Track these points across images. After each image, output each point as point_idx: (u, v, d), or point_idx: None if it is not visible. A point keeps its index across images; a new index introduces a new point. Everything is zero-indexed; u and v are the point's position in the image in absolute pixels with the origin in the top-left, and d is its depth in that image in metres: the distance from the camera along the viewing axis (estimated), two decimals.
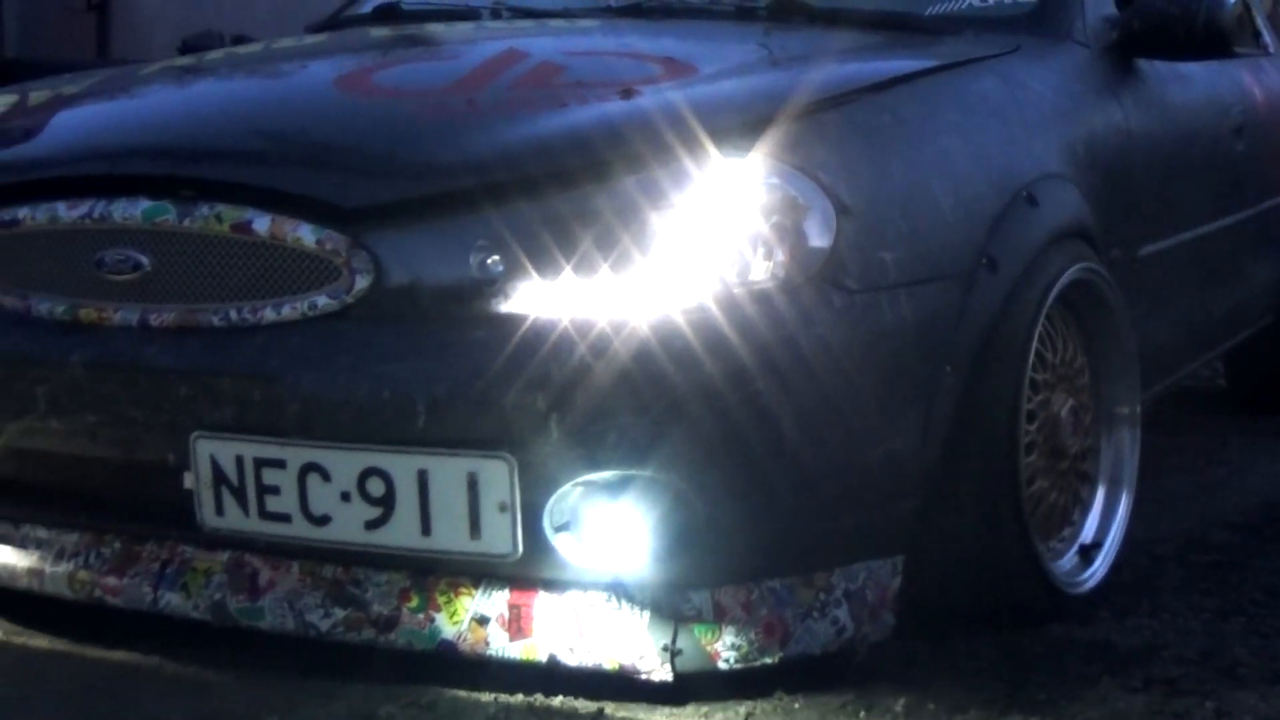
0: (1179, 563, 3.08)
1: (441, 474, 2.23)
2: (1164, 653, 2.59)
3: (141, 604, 2.53)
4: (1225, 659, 2.57)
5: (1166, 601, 2.85)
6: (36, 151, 2.65)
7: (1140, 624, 2.73)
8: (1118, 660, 2.55)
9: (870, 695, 2.36)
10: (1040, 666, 2.50)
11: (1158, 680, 2.47)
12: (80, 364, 2.41)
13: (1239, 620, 2.77)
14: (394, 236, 2.31)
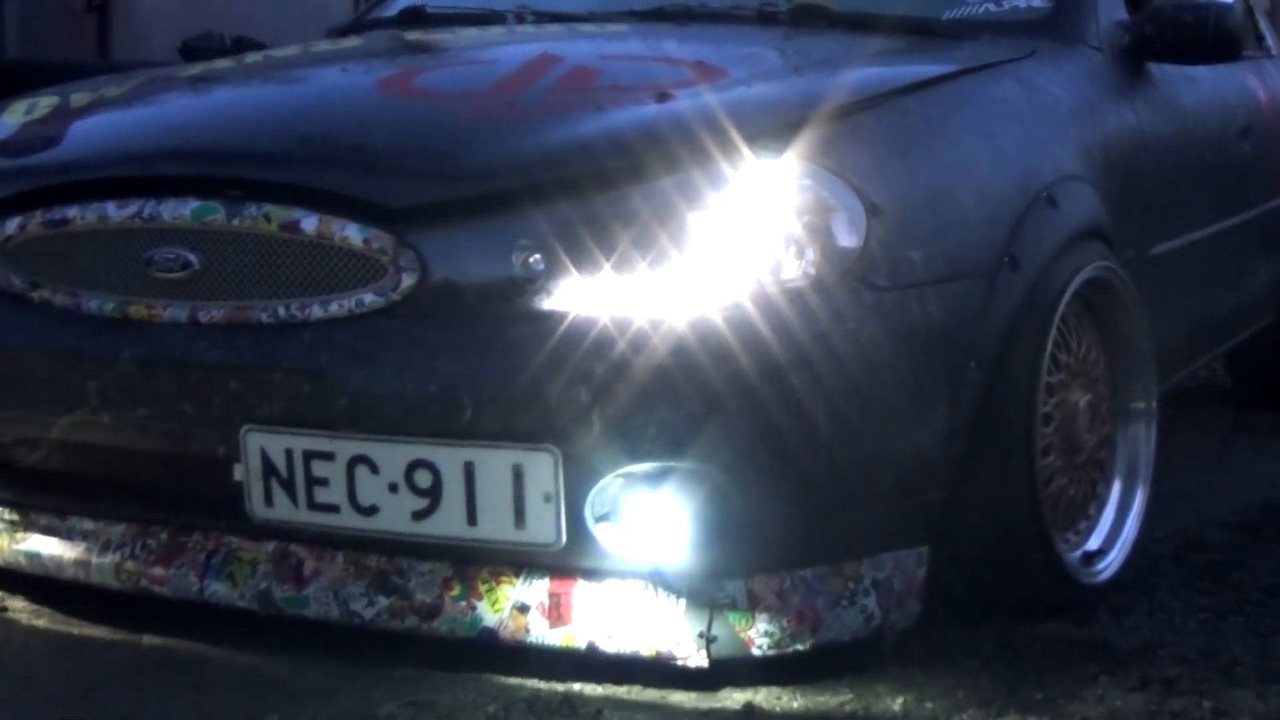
0: (1177, 562, 3.10)
1: (488, 466, 2.31)
2: (1162, 652, 2.61)
3: (188, 594, 2.61)
4: (1223, 658, 2.58)
5: (1164, 601, 2.87)
6: (86, 153, 2.73)
7: (1138, 623, 2.75)
8: (1115, 659, 2.56)
9: (869, 694, 2.40)
10: (1038, 665, 2.53)
11: (1155, 679, 2.49)
12: (131, 360, 2.49)
13: (1237, 620, 2.78)
14: (438, 236, 2.39)
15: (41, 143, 2.79)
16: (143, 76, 3.12)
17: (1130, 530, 2.97)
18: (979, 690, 2.42)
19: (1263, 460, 4.08)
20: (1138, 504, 2.99)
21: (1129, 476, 3.00)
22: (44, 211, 2.62)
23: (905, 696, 2.38)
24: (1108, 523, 2.95)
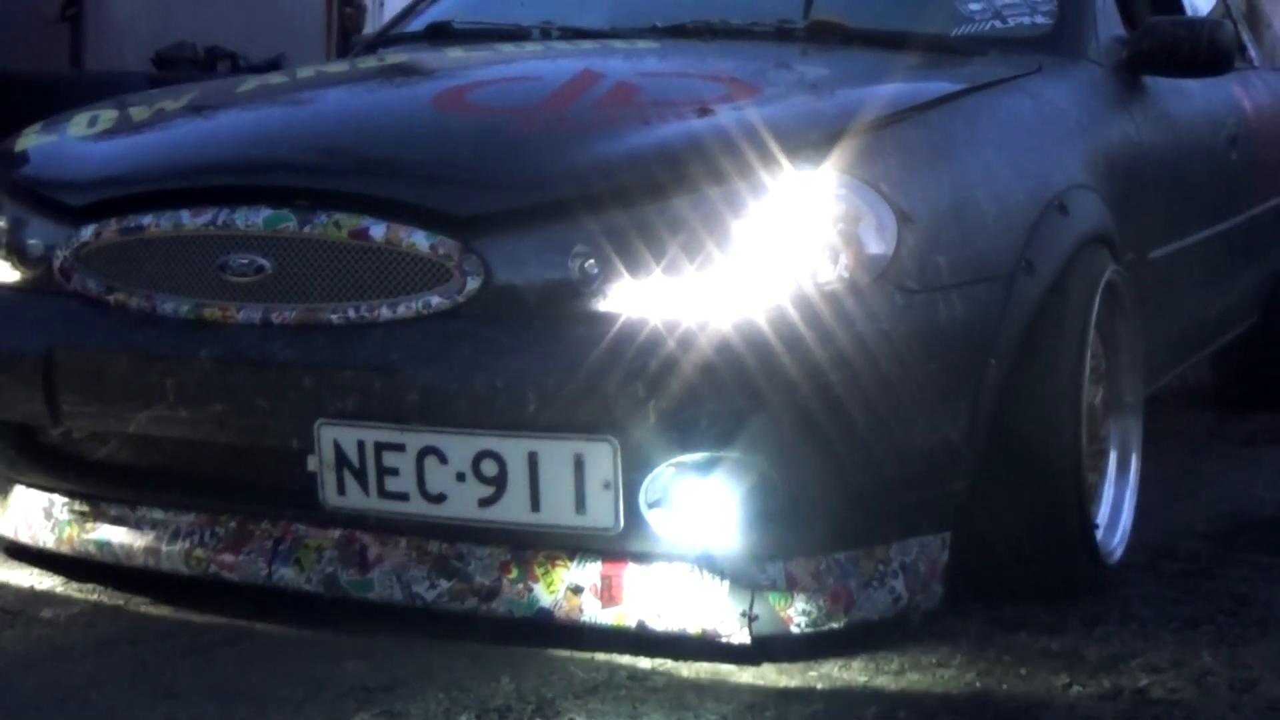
0: (1148, 571, 3.15)
1: (550, 455, 2.53)
2: (1134, 661, 2.65)
3: (256, 578, 2.82)
4: (1195, 667, 2.63)
5: (1136, 610, 2.91)
6: (160, 164, 2.93)
7: (1110, 632, 2.80)
8: (1087, 669, 2.61)
9: (839, 704, 2.47)
10: (1010, 675, 2.59)
11: (1127, 689, 2.54)
12: (209, 358, 2.70)
13: (1209, 629, 2.83)
14: (501, 242, 2.61)
15: (113, 154, 3.00)
16: (198, 90, 3.33)
17: (1127, 517, 3.22)
18: (951, 700, 2.49)
19: (1234, 470, 4.14)
20: (1130, 493, 3.25)
21: (1122, 466, 3.25)
22: (119, 220, 2.83)
23: (877, 706, 2.45)
24: (1106, 509, 3.19)
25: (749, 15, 3.55)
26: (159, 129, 3.07)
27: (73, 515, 3.02)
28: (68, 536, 3.02)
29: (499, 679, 2.53)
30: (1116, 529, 3.15)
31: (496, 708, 2.42)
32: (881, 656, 2.65)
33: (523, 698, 2.45)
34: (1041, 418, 2.81)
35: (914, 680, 2.56)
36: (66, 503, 3.03)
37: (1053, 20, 3.53)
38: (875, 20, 3.51)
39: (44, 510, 3.06)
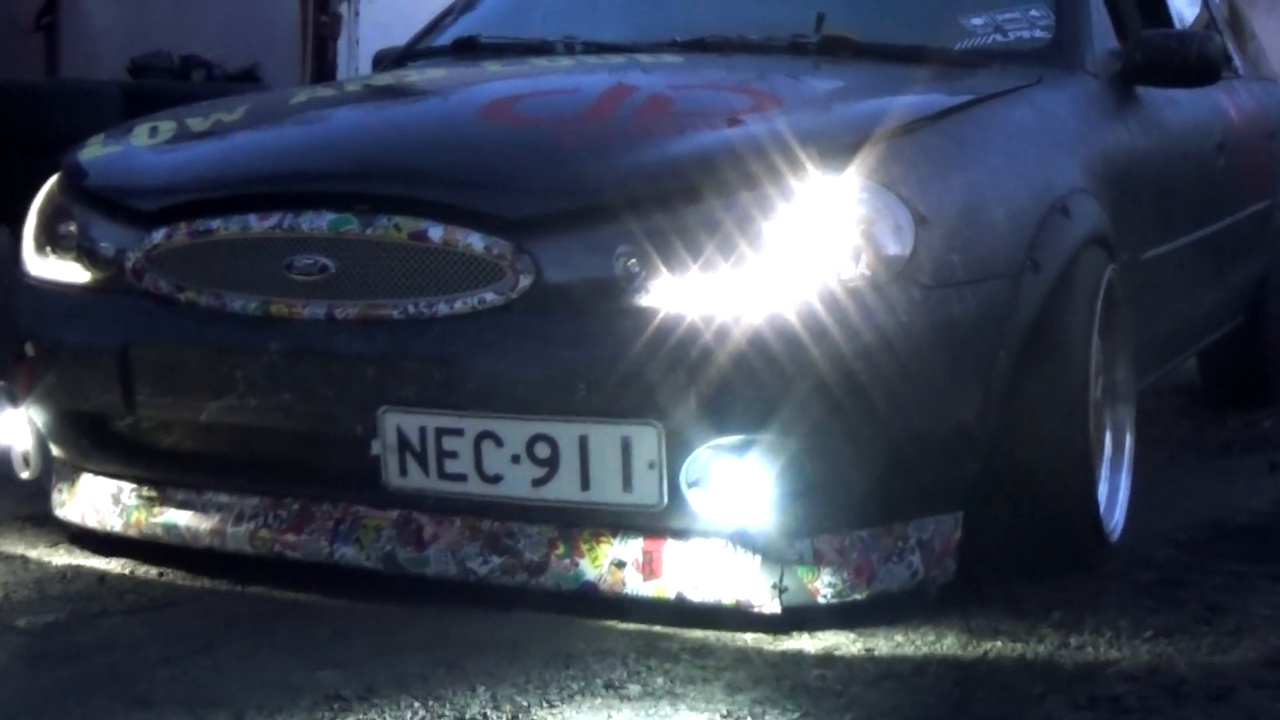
0: (1123, 580, 3.20)
1: (600, 438, 2.80)
2: (1109, 670, 2.69)
3: (318, 556, 3.08)
4: (1170, 676, 2.66)
5: (1111, 619, 2.95)
6: (227, 172, 3.20)
7: (1084, 641, 2.84)
8: (1063, 678, 2.66)
9: (814, 712, 2.54)
10: (985, 684, 2.64)
11: (1103, 698, 2.57)
12: (278, 351, 2.97)
13: (1184, 638, 2.86)
14: (550, 243, 2.88)
15: (180, 163, 3.27)
16: (250, 102, 3.60)
17: (1123, 498, 3.51)
18: (926, 709, 2.54)
19: (1210, 478, 4.21)
20: (1125, 476, 3.54)
21: (1117, 452, 3.54)
22: (188, 224, 3.09)
23: (853, 713, 2.52)
24: (1105, 491, 3.47)
25: (764, 30, 3.83)
26: (222, 139, 3.34)
27: (140, 500, 3.28)
28: (135, 520, 3.28)
29: (475, 688, 2.60)
30: (1115, 509, 3.43)
31: (472, 717, 2.50)
32: (858, 665, 2.73)
33: (498, 706, 2.53)
34: (1053, 406, 3.09)
35: (890, 689, 2.62)
36: (134, 489, 3.29)
37: (1051, 34, 3.81)
38: (883, 35, 3.78)
39: (112, 496, 3.32)
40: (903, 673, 2.68)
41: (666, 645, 2.79)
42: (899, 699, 2.57)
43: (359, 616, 2.93)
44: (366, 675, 2.64)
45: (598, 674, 2.67)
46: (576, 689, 2.60)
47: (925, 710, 2.52)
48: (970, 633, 2.88)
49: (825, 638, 2.85)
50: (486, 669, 2.67)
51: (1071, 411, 3.12)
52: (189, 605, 3.03)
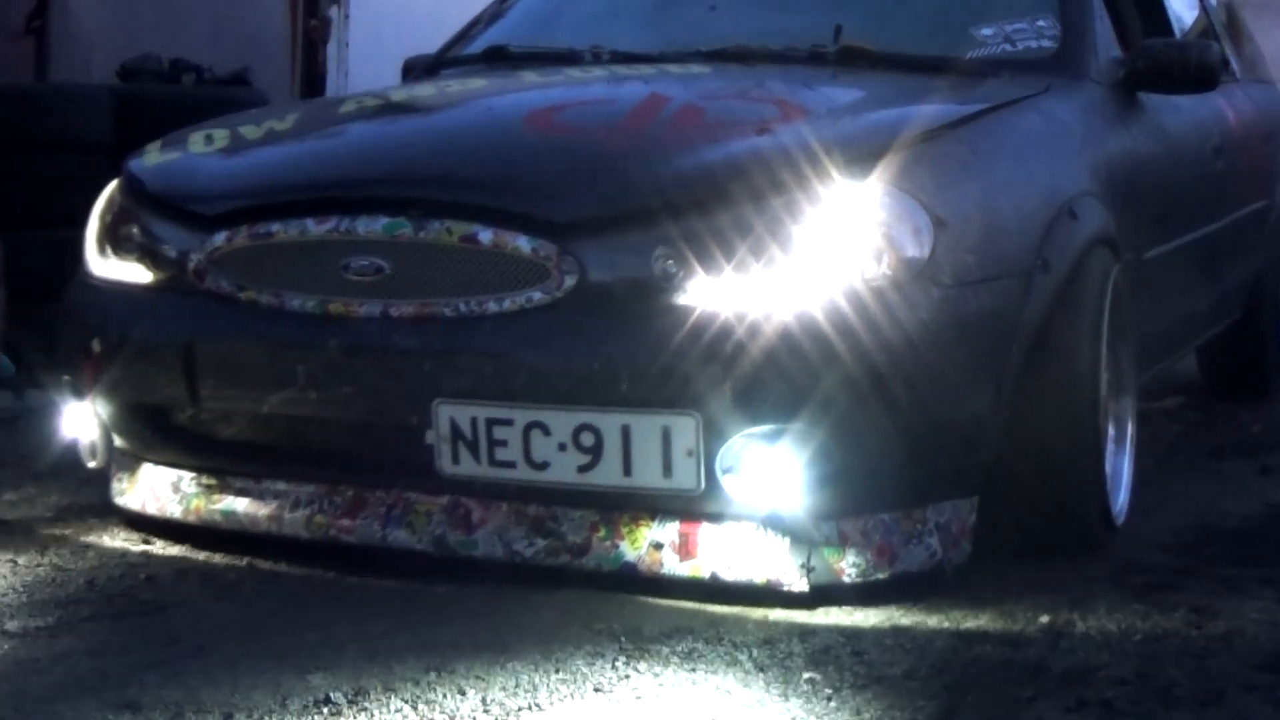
0: (1113, 584, 3.25)
1: (641, 427, 3.04)
2: (1098, 674, 2.72)
3: (371, 540, 3.32)
4: (1160, 680, 2.70)
5: (1100, 623, 2.99)
6: (286, 178, 3.44)
7: (1074, 645, 2.88)
8: (1052, 682, 2.69)
9: (804, 715, 2.58)
10: (975, 686, 2.68)
11: (1092, 702, 2.59)
12: (336, 347, 3.20)
13: (1173, 642, 2.90)
14: (593, 245, 3.12)
15: (240, 169, 3.51)
16: (299, 111, 3.84)
17: (1126, 483, 3.75)
18: (916, 712, 2.57)
19: (1199, 482, 4.26)
20: (1128, 462, 3.79)
21: (1120, 440, 3.78)
22: (249, 227, 3.33)
23: (843, 716, 2.56)
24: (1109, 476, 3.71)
25: (784, 41, 4.07)
26: (277, 147, 3.58)
27: (200, 488, 3.51)
28: (195, 507, 3.51)
29: (464, 691, 2.65)
30: (1119, 494, 3.67)
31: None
32: (849, 668, 2.77)
33: (487, 709, 2.57)
34: (1065, 398, 3.34)
35: (880, 692, 2.66)
36: (194, 477, 3.52)
37: (1057, 44, 4.05)
38: (898, 45, 4.02)
39: (172, 485, 3.55)
40: (893, 676, 2.73)
41: (656, 649, 2.87)
42: (889, 702, 2.61)
43: (349, 620, 2.99)
44: (356, 679, 2.69)
45: (587, 677, 2.72)
46: (566, 692, 2.65)
47: (915, 713, 2.56)
48: (960, 636, 2.93)
49: (816, 642, 2.91)
50: (476, 672, 2.73)
51: (1082, 401, 3.36)
52: (179, 609, 3.09)
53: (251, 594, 3.19)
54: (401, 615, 3.03)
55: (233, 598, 3.16)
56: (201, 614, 3.06)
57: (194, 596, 3.17)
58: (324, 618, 3.00)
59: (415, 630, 2.93)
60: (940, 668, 2.76)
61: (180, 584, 3.26)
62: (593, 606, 3.06)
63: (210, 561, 3.39)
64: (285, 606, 3.09)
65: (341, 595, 3.17)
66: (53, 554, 3.46)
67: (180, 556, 3.43)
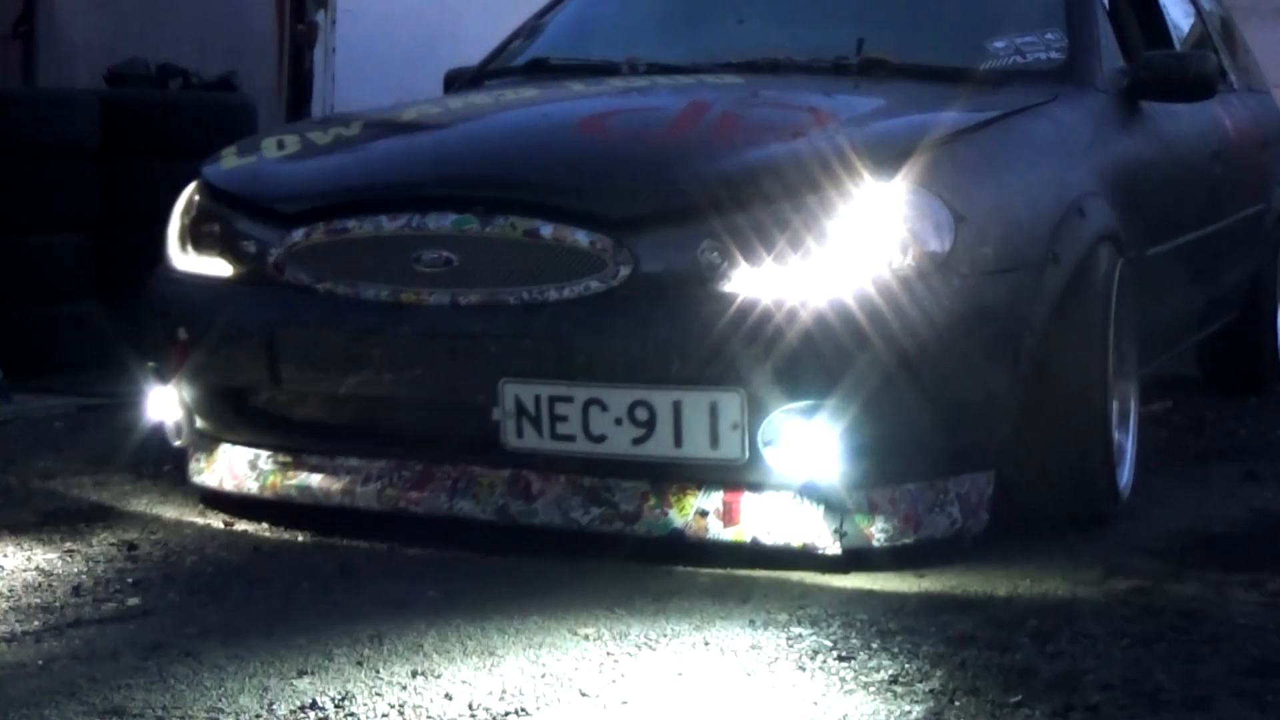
0: (1099, 589, 3.32)
1: (691, 403, 3.42)
2: (1086, 679, 2.75)
3: (439, 511, 3.69)
4: (1147, 684, 2.73)
5: (1087, 627, 3.03)
6: (360, 179, 3.82)
7: (1061, 650, 2.91)
8: (1040, 686, 2.72)
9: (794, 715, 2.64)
10: (962, 692, 2.72)
11: (1079, 706, 2.63)
12: (409, 333, 3.58)
13: (1160, 646, 2.93)
14: (646, 238, 3.50)
15: (314, 172, 3.90)
16: (365, 118, 4.23)
17: (1129, 460, 4.13)
18: (904, 718, 2.62)
19: (1185, 487, 4.34)
20: (1130, 442, 4.16)
21: (1123, 421, 4.16)
22: (325, 224, 3.71)
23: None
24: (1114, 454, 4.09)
25: (809, 53, 4.46)
26: (348, 151, 3.97)
27: (276, 465, 3.88)
28: (271, 484, 3.88)
29: (450, 695, 2.70)
30: (1123, 471, 4.06)
31: None
32: (835, 671, 2.83)
33: (473, 714, 2.63)
34: (1076, 381, 3.73)
35: (867, 698, 2.70)
36: (271, 455, 3.89)
37: (1064, 55, 4.44)
38: (916, 56, 4.42)
39: (249, 463, 3.92)
40: (879, 681, 2.78)
41: (643, 653, 2.94)
42: (876, 706, 2.66)
43: (336, 625, 3.06)
44: (343, 683, 2.75)
45: (574, 681, 2.78)
46: (552, 696, 2.71)
47: (902, 718, 2.62)
48: (947, 640, 2.99)
49: (803, 646, 2.97)
50: (462, 677, 2.79)
51: (1092, 382, 3.76)
52: (166, 614, 3.16)
53: (239, 599, 3.27)
54: (388, 620, 3.10)
55: (219, 602, 3.24)
56: (188, 619, 3.12)
57: (181, 601, 3.25)
58: (311, 622, 3.08)
59: (402, 635, 3.01)
60: (927, 673, 2.82)
61: (167, 588, 3.34)
62: (579, 611, 3.17)
63: (197, 566, 3.50)
64: (272, 611, 3.16)
65: (328, 600, 3.26)
66: (40, 559, 3.55)
67: (167, 561, 3.54)
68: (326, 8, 7.87)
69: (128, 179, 6.24)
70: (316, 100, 7.67)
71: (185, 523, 3.88)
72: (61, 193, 6.00)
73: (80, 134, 6.06)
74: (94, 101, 6.19)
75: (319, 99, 7.65)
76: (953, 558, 3.56)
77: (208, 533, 3.80)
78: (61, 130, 5.99)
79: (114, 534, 3.76)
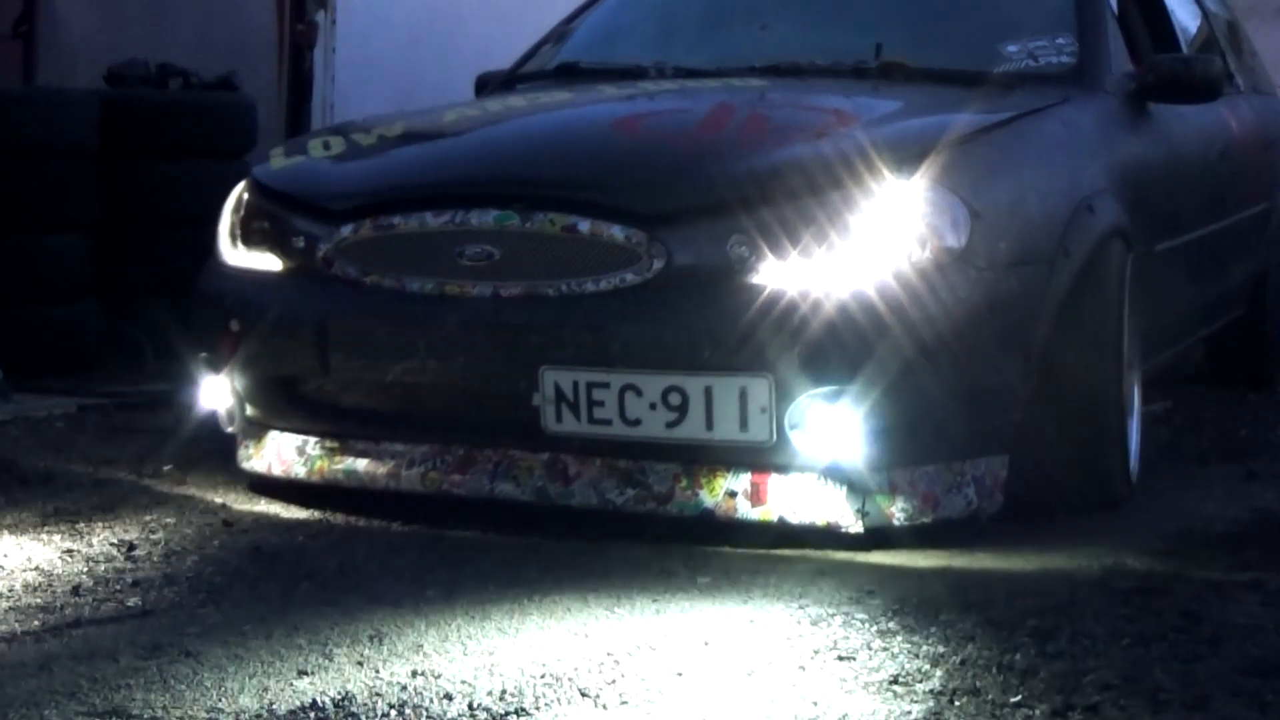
0: (1100, 588, 3.33)
1: (722, 388, 3.65)
2: (1086, 678, 2.76)
3: (480, 493, 3.93)
4: (1147, 684, 2.74)
5: (1087, 627, 3.04)
6: (406, 178, 4.07)
7: (1061, 650, 2.92)
8: (1039, 686, 2.74)
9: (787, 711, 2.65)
10: (962, 691, 2.73)
11: (1079, 706, 2.63)
12: (454, 323, 3.82)
13: (1160, 646, 2.94)
14: (678, 233, 3.74)
15: (361, 171, 4.14)
16: (406, 120, 4.47)
17: (1135, 446, 4.35)
18: (904, 718, 2.64)
19: (1185, 487, 4.39)
20: (1135, 427, 4.40)
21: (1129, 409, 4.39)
22: (372, 220, 3.95)
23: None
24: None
25: (830, 57, 4.71)
26: (393, 151, 4.21)
27: (323, 451, 4.13)
28: (318, 468, 4.13)
29: (451, 696, 2.71)
30: (1130, 455, 4.30)
31: None
32: (835, 672, 2.85)
33: (474, 715, 2.64)
34: (1093, 367, 3.98)
35: (867, 698, 2.71)
36: (318, 441, 4.14)
37: (1075, 59, 4.69)
38: (933, 60, 4.66)
39: (297, 449, 4.17)
40: (879, 681, 2.80)
41: (642, 654, 2.95)
42: (876, 707, 2.67)
43: (335, 625, 3.08)
44: (343, 683, 2.76)
45: (574, 682, 2.79)
46: (552, 697, 2.72)
47: (902, 719, 2.64)
48: (947, 640, 3.00)
49: (803, 646, 2.99)
50: (462, 678, 2.80)
51: (1109, 370, 4.01)
52: (166, 614, 3.17)
53: (238, 598, 3.29)
54: (388, 620, 3.13)
55: (219, 602, 3.26)
56: (188, 619, 3.14)
57: (181, 601, 3.27)
58: (310, 623, 3.10)
59: (402, 635, 3.03)
60: (927, 673, 2.84)
61: (167, 588, 3.36)
62: (579, 611, 3.21)
63: (197, 566, 3.53)
64: (272, 611, 3.18)
65: (327, 600, 3.28)
66: (40, 559, 3.58)
67: (167, 561, 3.57)
68: (326, 8, 7.87)
69: (128, 179, 6.30)
70: (316, 100, 7.74)
71: (185, 523, 3.92)
72: (61, 193, 6.04)
73: (80, 134, 6.11)
74: (94, 101, 6.24)
75: (319, 99, 7.74)
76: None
77: (208, 533, 3.84)
78: (61, 130, 6.03)
79: (114, 534, 3.80)
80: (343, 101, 7.65)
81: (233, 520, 3.96)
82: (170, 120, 6.51)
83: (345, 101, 7.63)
